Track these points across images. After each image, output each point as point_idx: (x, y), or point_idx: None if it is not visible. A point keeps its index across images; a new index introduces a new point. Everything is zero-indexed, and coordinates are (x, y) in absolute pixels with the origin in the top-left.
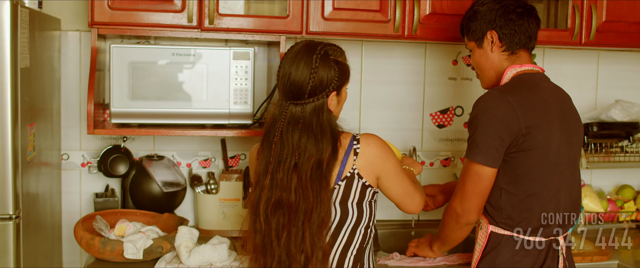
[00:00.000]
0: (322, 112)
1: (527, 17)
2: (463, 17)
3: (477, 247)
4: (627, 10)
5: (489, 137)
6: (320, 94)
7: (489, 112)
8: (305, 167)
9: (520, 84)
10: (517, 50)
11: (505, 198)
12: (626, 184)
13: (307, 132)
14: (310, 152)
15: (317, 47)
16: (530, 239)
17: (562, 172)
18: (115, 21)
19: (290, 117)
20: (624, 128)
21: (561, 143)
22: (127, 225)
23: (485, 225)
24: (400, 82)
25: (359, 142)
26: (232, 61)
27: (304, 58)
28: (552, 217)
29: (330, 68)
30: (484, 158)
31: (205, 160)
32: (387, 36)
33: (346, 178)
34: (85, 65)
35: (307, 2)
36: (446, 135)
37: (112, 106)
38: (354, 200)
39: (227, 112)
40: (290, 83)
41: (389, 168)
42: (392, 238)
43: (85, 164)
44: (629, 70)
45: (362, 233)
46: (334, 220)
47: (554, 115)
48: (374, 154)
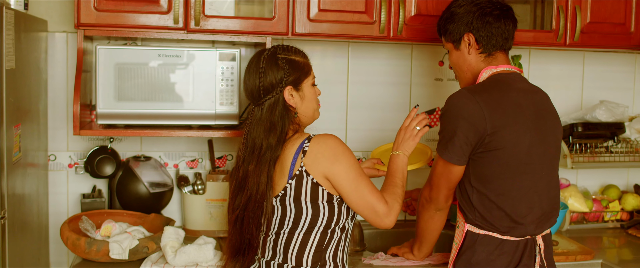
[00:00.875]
0: (277, 107)
1: (504, 19)
2: (440, 18)
3: (454, 245)
4: (611, 11)
5: (455, 136)
6: (273, 91)
7: (456, 111)
8: (254, 159)
9: (492, 84)
10: (494, 51)
11: (476, 197)
12: (611, 184)
13: (262, 126)
14: (261, 146)
15: (265, 50)
16: (506, 238)
17: (534, 172)
18: (102, 23)
19: (254, 118)
20: (609, 128)
21: (533, 143)
22: (113, 225)
23: (462, 224)
24: (386, 83)
25: (310, 141)
26: (218, 62)
27: (253, 63)
28: (525, 217)
29: (277, 66)
30: (450, 156)
31: (192, 161)
32: (372, 37)
33: (296, 177)
34: (72, 67)
35: (293, 4)
36: (433, 136)
37: (98, 107)
38: (307, 198)
39: (213, 112)
40: (246, 88)
41: (337, 172)
42: (379, 238)
43: (72, 165)
44: (614, 70)
45: (320, 232)
46: (289, 218)
47: (526, 116)
48: (321, 153)
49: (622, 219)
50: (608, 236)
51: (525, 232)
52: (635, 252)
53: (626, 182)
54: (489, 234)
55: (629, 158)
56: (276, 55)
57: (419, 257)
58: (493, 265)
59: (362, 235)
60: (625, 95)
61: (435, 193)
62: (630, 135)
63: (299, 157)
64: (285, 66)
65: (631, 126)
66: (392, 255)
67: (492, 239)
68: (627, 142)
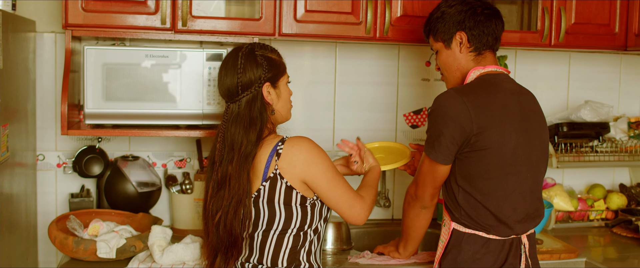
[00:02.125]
0: (255, 103)
1: (495, 18)
2: (429, 17)
3: (440, 243)
4: (596, 12)
5: (441, 135)
6: (252, 87)
7: (443, 111)
8: (235, 157)
9: (480, 85)
10: (484, 51)
11: (462, 196)
12: (597, 183)
13: (241, 123)
14: (241, 143)
15: (242, 47)
16: (491, 237)
17: (519, 173)
18: (89, 23)
19: (230, 114)
20: (594, 128)
21: (518, 144)
22: (101, 224)
23: (448, 222)
24: (373, 83)
25: (284, 143)
26: (205, 62)
27: (230, 60)
28: (509, 217)
29: (256, 62)
30: (436, 156)
31: (180, 161)
32: (359, 38)
33: (270, 179)
34: (60, 67)
35: (280, 4)
36: (419, 136)
37: (86, 107)
38: (280, 200)
39: (201, 112)
40: (223, 86)
41: (315, 174)
42: (366, 237)
43: (61, 165)
44: (600, 71)
45: (293, 234)
46: (263, 219)
47: (512, 116)
48: (297, 157)
49: (607, 218)
50: (593, 235)
51: (510, 232)
52: (619, 250)
53: (611, 181)
54: (474, 233)
55: (614, 158)
56: (254, 52)
57: (405, 255)
58: (479, 264)
59: (348, 234)
60: (610, 95)
61: (421, 191)
62: (615, 135)
63: (273, 159)
64: (263, 63)
65: (616, 126)
66: (378, 253)
67: (478, 238)
68: (612, 142)
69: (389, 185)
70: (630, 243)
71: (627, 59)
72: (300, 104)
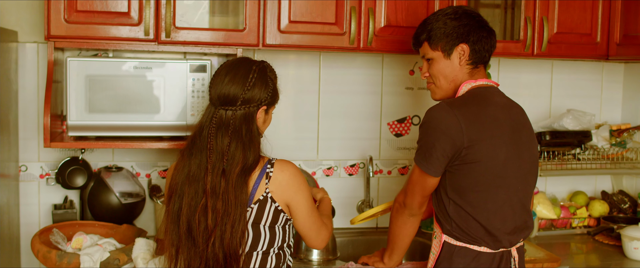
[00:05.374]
0: (253, 121)
1: (494, 35)
2: (426, 25)
3: (431, 255)
4: (578, 22)
5: (432, 147)
6: (253, 103)
7: (434, 123)
8: (232, 174)
9: (471, 98)
10: (480, 64)
11: (452, 209)
12: (579, 190)
13: (237, 138)
14: (238, 159)
15: (255, 63)
16: (482, 250)
17: (509, 186)
18: (72, 35)
19: (219, 121)
20: (576, 136)
21: (509, 157)
22: (84, 237)
23: (439, 234)
24: (358, 92)
25: (273, 166)
26: (188, 74)
27: (241, 70)
28: (499, 230)
29: (266, 84)
30: (427, 167)
31: (164, 171)
32: (342, 48)
33: (259, 201)
34: (43, 77)
35: (264, 15)
36: (403, 144)
37: (69, 119)
38: (267, 223)
39: (185, 124)
40: (224, 91)
41: (298, 200)
42: (351, 246)
43: (44, 176)
44: (582, 79)
45: (275, 254)
46: (247, 241)
47: (503, 130)
48: (287, 182)
49: (590, 225)
50: (575, 242)
51: (500, 244)
52: (601, 258)
53: (594, 188)
54: (466, 246)
55: (596, 165)
56: (267, 73)
57: (390, 265)
58: None
59: (334, 243)
60: (593, 102)
61: (410, 200)
62: (597, 143)
63: (262, 181)
64: (271, 86)
65: (598, 134)
66: (363, 264)
67: (469, 251)
68: (594, 150)
69: (373, 193)
70: (612, 251)
71: (609, 66)
72: (285, 113)
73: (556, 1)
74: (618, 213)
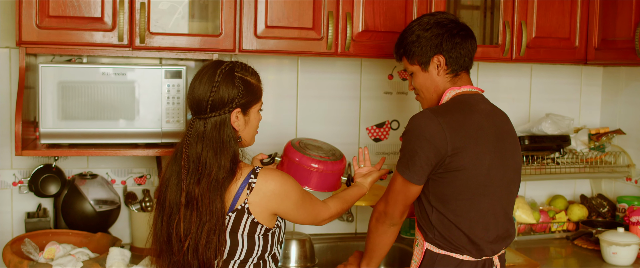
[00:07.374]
0: (223, 128)
1: (470, 38)
2: (402, 39)
3: (413, 263)
4: (557, 26)
5: (416, 155)
6: (222, 109)
7: (418, 131)
8: (206, 183)
9: (455, 105)
10: (460, 71)
11: (435, 217)
12: (558, 194)
13: (208, 146)
14: (211, 167)
15: (224, 64)
16: (465, 258)
17: (493, 194)
18: (44, 41)
19: (195, 131)
20: (555, 141)
21: (492, 165)
22: (57, 247)
23: (421, 242)
24: (336, 97)
25: (257, 176)
26: (163, 80)
27: (208, 73)
28: (482, 238)
29: (233, 84)
30: (411, 175)
31: (140, 177)
32: (320, 54)
33: (237, 211)
34: (15, 83)
35: (240, 20)
36: (383, 149)
37: (41, 126)
38: (244, 232)
39: (160, 131)
40: (193, 97)
41: (286, 205)
42: (329, 252)
43: (17, 183)
44: (561, 82)
45: (254, 263)
46: (223, 251)
47: (487, 138)
48: (272, 192)
49: (569, 229)
50: (555, 246)
51: (482, 253)
52: (580, 262)
53: (573, 192)
54: (448, 254)
55: (575, 169)
56: (234, 72)
57: None
58: None
59: (312, 250)
60: (571, 106)
61: (392, 209)
62: (576, 147)
63: (244, 191)
64: (240, 86)
65: (577, 138)
66: None
67: (451, 259)
68: (573, 154)
69: None
70: (591, 255)
71: (588, 70)
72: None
73: (535, 5)
74: (597, 217)
